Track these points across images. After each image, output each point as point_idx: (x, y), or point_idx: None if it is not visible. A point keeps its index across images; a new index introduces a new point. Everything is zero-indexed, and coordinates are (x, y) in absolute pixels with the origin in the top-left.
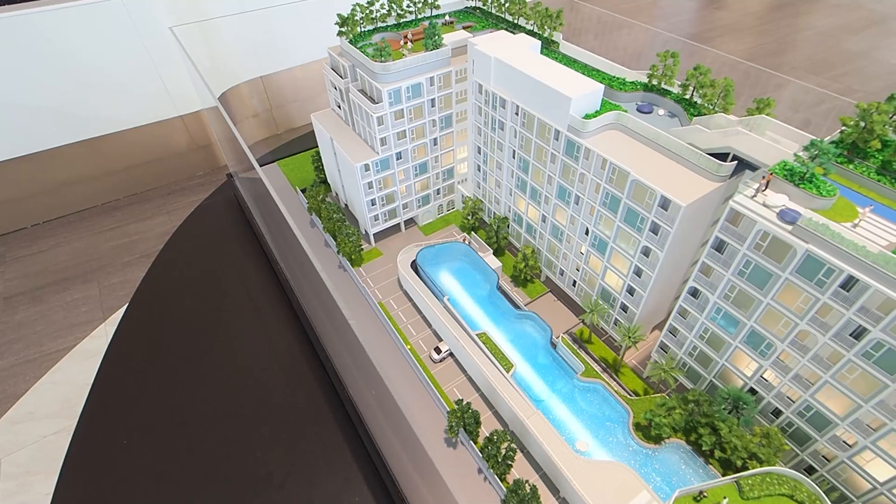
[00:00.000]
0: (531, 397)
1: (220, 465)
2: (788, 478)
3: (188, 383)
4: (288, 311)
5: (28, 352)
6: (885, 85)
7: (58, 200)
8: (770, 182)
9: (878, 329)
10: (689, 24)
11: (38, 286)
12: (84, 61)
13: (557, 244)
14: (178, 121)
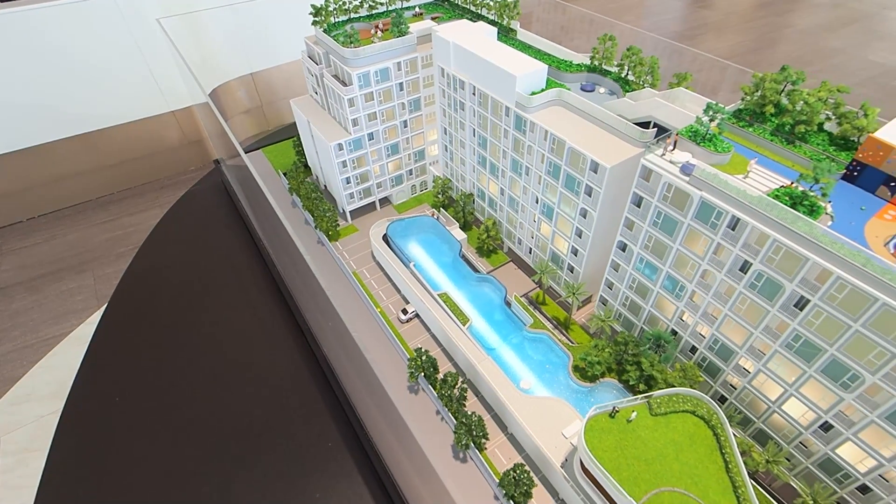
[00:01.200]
0: (484, 347)
1: (205, 420)
2: (691, 397)
3: (177, 348)
4: (270, 284)
5: (25, 338)
6: (860, 80)
7: (53, 194)
8: (677, 143)
9: (758, 261)
10: (674, 22)
11: (34, 276)
12: (76, 58)
13: (515, 215)
14: (170, 116)
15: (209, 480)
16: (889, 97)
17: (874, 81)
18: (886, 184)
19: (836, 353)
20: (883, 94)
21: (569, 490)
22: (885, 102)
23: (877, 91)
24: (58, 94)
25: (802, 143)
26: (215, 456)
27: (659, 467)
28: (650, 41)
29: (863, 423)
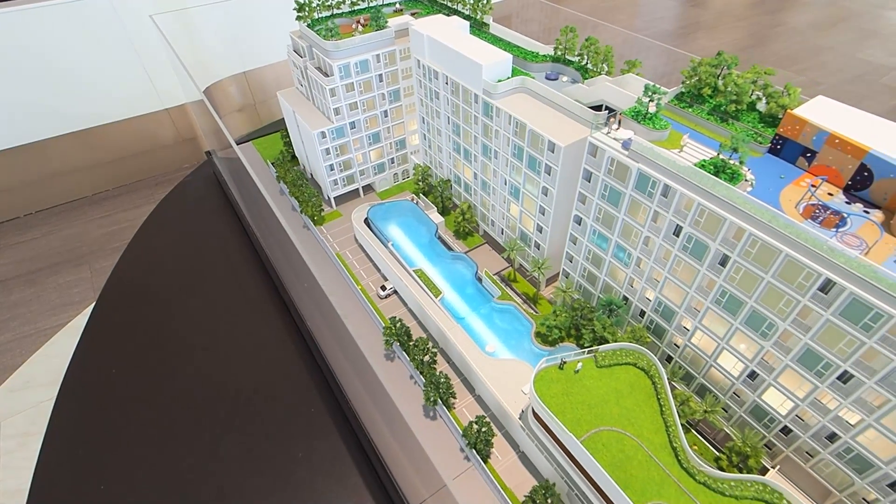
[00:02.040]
0: (454, 316)
1: (195, 388)
2: (633, 351)
3: (169, 326)
4: (258, 266)
5: (23, 329)
6: (847, 78)
7: (49, 191)
8: (621, 122)
9: (687, 224)
10: (665, 21)
11: (32, 270)
12: (72, 56)
13: (487, 198)
14: (165, 114)
15: (199, 440)
16: (875, 94)
17: (861, 79)
18: (803, 155)
19: (755, 304)
20: (870, 91)
21: (525, 438)
22: (871, 99)
23: (864, 88)
24: (53, 92)
25: (735, 121)
26: (205, 421)
27: (600, 411)
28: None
29: (780, 368)
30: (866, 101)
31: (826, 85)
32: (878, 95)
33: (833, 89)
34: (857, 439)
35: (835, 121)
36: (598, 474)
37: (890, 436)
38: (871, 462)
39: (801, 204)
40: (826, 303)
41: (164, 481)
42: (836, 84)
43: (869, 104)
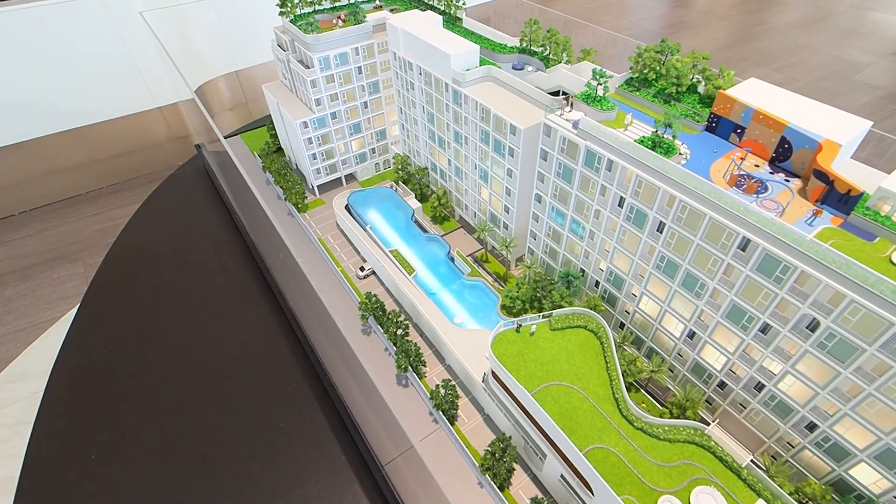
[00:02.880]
0: (426, 292)
1: (182, 365)
2: (584, 315)
3: (158, 308)
4: (245, 252)
5: (18, 322)
6: (823, 75)
7: (44, 189)
8: (573, 104)
9: (629, 196)
10: (650, 21)
11: (27, 266)
12: (65, 55)
13: (461, 183)
14: (157, 112)
15: (185, 413)
16: (850, 90)
17: (838, 75)
18: (735, 131)
19: (688, 266)
20: (846, 87)
21: (488, 400)
22: (845, 95)
23: (839, 85)
24: (47, 91)
25: (677, 102)
26: (191, 395)
27: (551, 368)
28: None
29: (713, 325)
30: (840, 98)
31: (802, 82)
32: (852, 92)
33: (809, 86)
34: (778, 387)
35: (761, 99)
36: (547, 423)
37: (804, 381)
38: (791, 407)
39: (728, 174)
40: (745, 260)
41: (151, 451)
42: (812, 81)
43: (843, 100)
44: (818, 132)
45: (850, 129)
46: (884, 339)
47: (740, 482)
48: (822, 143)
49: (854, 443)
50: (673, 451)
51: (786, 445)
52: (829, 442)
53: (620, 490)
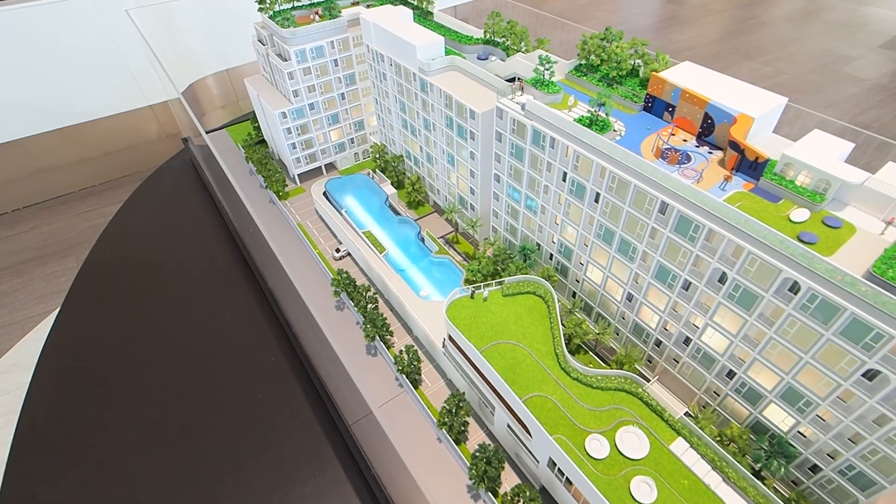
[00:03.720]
0: (396, 269)
1: (167, 343)
2: (533, 282)
3: (146, 292)
4: (228, 239)
5: (12, 316)
6: (811, 67)
7: (36, 187)
8: (524, 88)
9: (569, 170)
10: (641, 17)
11: (20, 261)
12: (56, 54)
13: (432, 168)
14: (148, 111)
15: (168, 387)
16: (836, 82)
17: (825, 68)
18: (667, 110)
19: (622, 232)
20: (832, 79)
21: (449, 365)
22: (830, 87)
23: (826, 77)
24: (38, 90)
25: (619, 85)
26: (173, 370)
27: (501, 329)
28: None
29: (645, 286)
30: (826, 90)
31: (790, 75)
32: (837, 84)
33: (796, 78)
34: (702, 339)
35: (689, 79)
36: (492, 376)
37: (721, 331)
38: (713, 357)
39: (654, 148)
40: (665, 222)
41: (134, 421)
42: (800, 73)
43: (829, 92)
44: (735, 107)
45: (764, 104)
46: (776, 286)
47: (663, 423)
48: (737, 116)
49: (764, 385)
50: (605, 398)
51: (713, 395)
52: (745, 387)
53: (554, 431)
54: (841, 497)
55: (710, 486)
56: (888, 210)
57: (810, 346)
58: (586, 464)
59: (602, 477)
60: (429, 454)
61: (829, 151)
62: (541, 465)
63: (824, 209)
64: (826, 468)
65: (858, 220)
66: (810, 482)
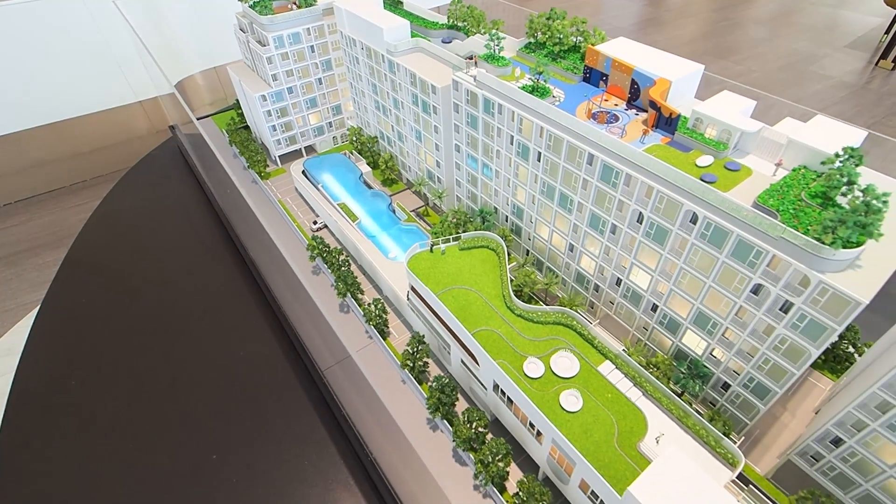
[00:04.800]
0: (367, 234)
1: (155, 309)
2: (486, 236)
3: (135, 266)
4: (213, 216)
5: (4, 304)
6: (780, 66)
7: (29, 182)
8: (477, 62)
9: (516, 134)
10: (619, 19)
11: (13, 253)
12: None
13: (403, 146)
14: (138, 106)
15: (153, 349)
16: (802, 80)
17: (793, 66)
18: (602, 79)
19: (560, 187)
20: (799, 77)
21: (411, 315)
22: (797, 84)
23: (793, 74)
24: (28, 85)
25: (562, 59)
26: (161, 333)
27: (456, 277)
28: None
29: (582, 234)
30: (793, 87)
31: (759, 73)
32: (804, 81)
33: (764, 77)
34: (630, 279)
35: (620, 51)
36: (446, 314)
37: (643, 268)
38: (640, 294)
39: (587, 110)
40: (593, 172)
41: (125, 379)
42: (769, 72)
43: (795, 89)
44: (656, 73)
45: (681, 70)
46: (680, 219)
47: (593, 350)
48: (656, 80)
49: (680, 314)
50: (544, 331)
51: (642, 330)
52: (666, 318)
53: (497, 357)
54: (747, 409)
55: (631, 399)
56: (778, 154)
57: (710, 271)
58: (523, 382)
59: (536, 392)
60: (394, 394)
61: (734, 108)
62: (489, 392)
63: (728, 156)
64: (734, 384)
65: (755, 164)
66: (723, 399)
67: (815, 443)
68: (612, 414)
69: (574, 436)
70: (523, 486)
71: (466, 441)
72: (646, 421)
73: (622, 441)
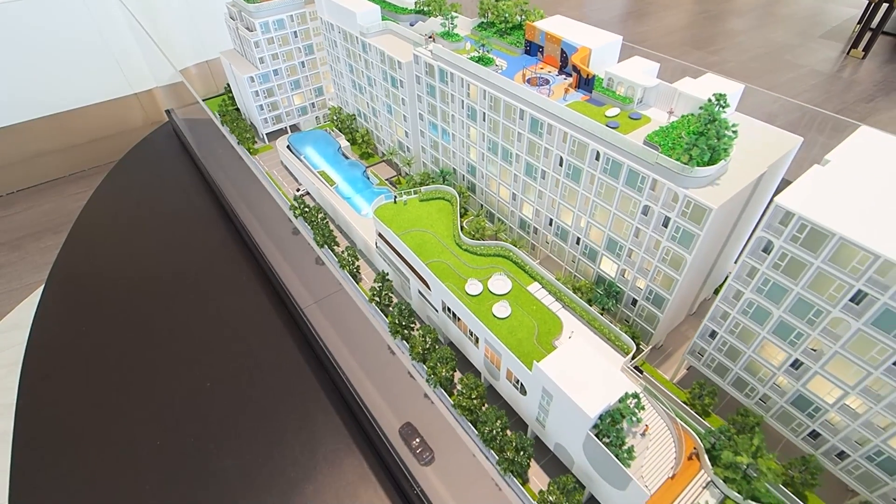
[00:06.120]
0: (343, 196)
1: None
2: (443, 190)
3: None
4: (207, 189)
5: (10, 284)
6: (756, 55)
7: (29, 172)
8: (435, 39)
9: (466, 99)
10: (601, 12)
11: (16, 238)
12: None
13: (378, 121)
14: (134, 99)
15: (153, 300)
16: (776, 69)
17: (769, 56)
18: (539, 51)
19: (502, 142)
20: (775, 66)
21: (378, 259)
22: (771, 73)
23: (770, 63)
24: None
25: (509, 35)
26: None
27: (415, 222)
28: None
29: (521, 184)
30: (766, 76)
31: (735, 62)
32: (777, 70)
33: (740, 66)
34: (560, 218)
35: (553, 26)
36: (405, 250)
37: (567, 206)
38: (567, 230)
39: (522, 76)
40: (524, 126)
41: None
42: (743, 62)
43: (768, 78)
44: (579, 42)
45: (601, 40)
46: (589, 158)
47: (525, 274)
48: (578, 48)
49: (596, 242)
50: (486, 261)
51: (572, 263)
52: (588, 248)
53: (445, 281)
54: (650, 320)
55: (552, 309)
56: (671, 105)
57: (613, 200)
58: (465, 298)
59: (474, 305)
60: (363, 325)
61: (640, 69)
62: (439, 313)
63: (633, 109)
64: (640, 299)
65: (654, 114)
66: (633, 315)
67: (699, 339)
68: (535, 319)
69: (501, 335)
70: (463, 381)
71: (420, 354)
72: (562, 324)
73: (541, 339)
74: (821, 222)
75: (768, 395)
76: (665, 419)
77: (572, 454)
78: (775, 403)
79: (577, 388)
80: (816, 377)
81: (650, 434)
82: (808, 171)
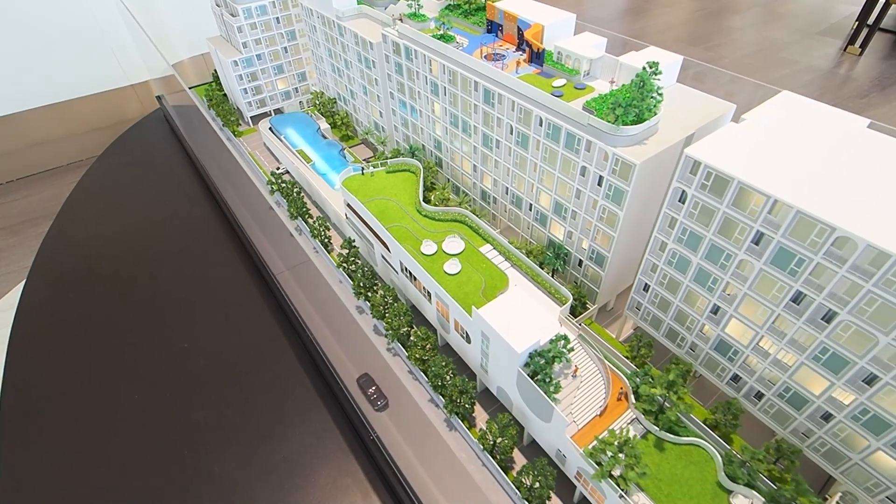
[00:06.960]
0: (319, 172)
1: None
2: (409, 162)
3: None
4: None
5: (9, 267)
6: (751, 52)
7: (28, 161)
8: (403, 20)
9: (429, 75)
10: (599, 9)
11: (15, 223)
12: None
13: (355, 103)
14: (130, 90)
15: (139, 267)
16: (770, 65)
17: (763, 52)
18: (499, 30)
19: (462, 115)
20: (770, 62)
21: (348, 229)
22: (765, 69)
23: (765, 60)
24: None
25: (473, 16)
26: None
27: (380, 191)
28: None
29: (479, 154)
30: (760, 71)
31: (730, 59)
32: (771, 66)
33: (735, 62)
34: (512, 185)
35: (510, 5)
36: (368, 216)
37: (518, 172)
38: (519, 197)
39: (480, 52)
40: (479, 98)
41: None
42: (739, 58)
43: (762, 74)
44: (532, 20)
45: (553, 17)
46: (534, 125)
47: (480, 237)
48: (532, 24)
49: (545, 207)
50: (444, 226)
51: (526, 228)
52: (539, 214)
53: (403, 242)
54: (595, 279)
55: (500, 267)
56: (612, 76)
57: (556, 164)
58: (419, 257)
59: (428, 264)
60: (331, 289)
61: (587, 44)
62: (399, 275)
63: (579, 80)
64: (584, 259)
65: (599, 85)
66: (580, 276)
67: (635, 294)
68: (483, 275)
69: (450, 288)
70: (416, 334)
71: (380, 312)
72: (507, 280)
73: (487, 293)
74: (722, 168)
75: (696, 343)
76: (596, 363)
77: (509, 394)
78: (702, 351)
79: (508, 328)
80: (732, 321)
81: (581, 376)
82: (723, 128)
